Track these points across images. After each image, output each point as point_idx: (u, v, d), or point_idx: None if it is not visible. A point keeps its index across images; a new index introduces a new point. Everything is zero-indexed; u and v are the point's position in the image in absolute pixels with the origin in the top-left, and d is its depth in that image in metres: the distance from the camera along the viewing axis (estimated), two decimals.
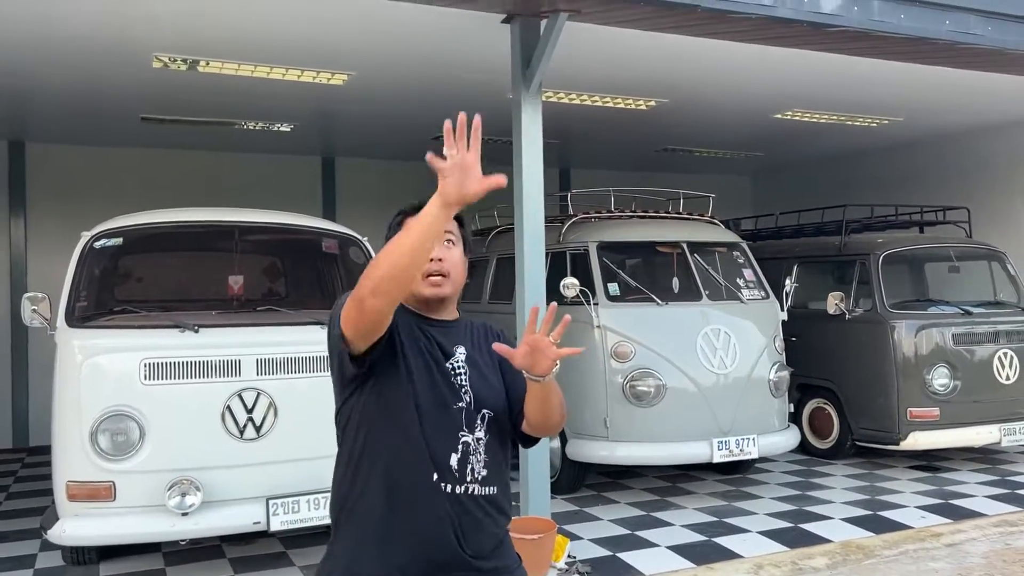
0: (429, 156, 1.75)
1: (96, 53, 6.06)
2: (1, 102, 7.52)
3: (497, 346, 1.95)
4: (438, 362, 2.03)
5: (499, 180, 1.74)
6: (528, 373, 1.93)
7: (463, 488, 1.97)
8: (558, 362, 1.92)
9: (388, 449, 1.96)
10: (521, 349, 1.90)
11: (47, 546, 5.39)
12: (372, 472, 1.97)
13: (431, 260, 2.02)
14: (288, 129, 8.85)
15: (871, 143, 10.64)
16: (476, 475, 2.00)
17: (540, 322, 1.90)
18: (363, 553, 1.95)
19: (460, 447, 1.98)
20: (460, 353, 2.07)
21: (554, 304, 1.93)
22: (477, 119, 1.72)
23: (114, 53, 6.07)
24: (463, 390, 2.03)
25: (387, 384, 1.97)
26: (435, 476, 1.94)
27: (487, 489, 2.02)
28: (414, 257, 1.77)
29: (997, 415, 7.23)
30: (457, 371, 2.04)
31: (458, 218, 2.11)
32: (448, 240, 2.09)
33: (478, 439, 2.02)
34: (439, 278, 2.06)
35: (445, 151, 1.72)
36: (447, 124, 1.71)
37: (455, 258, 2.10)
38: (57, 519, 4.35)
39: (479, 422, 2.03)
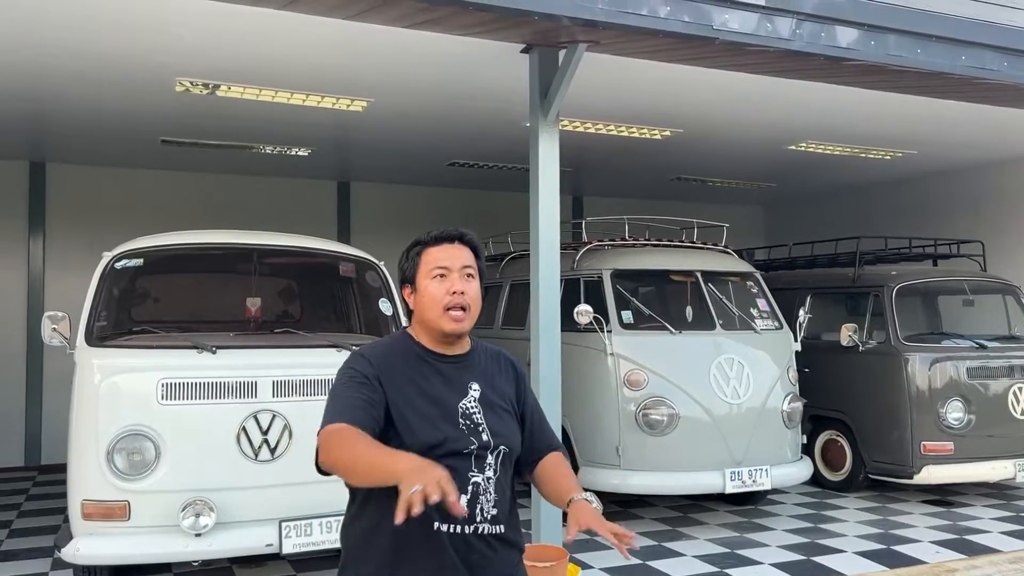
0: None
1: (120, 77, 6.17)
2: (24, 124, 7.65)
3: (568, 539, 1.96)
4: (446, 408, 2.02)
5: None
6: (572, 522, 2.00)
7: (471, 528, 1.97)
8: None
9: (392, 499, 1.96)
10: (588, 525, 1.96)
11: (58, 565, 5.40)
12: (379, 520, 1.97)
13: (453, 293, 2.03)
14: (306, 153, 8.95)
15: (885, 176, 10.66)
16: (486, 514, 2.00)
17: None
18: None
19: (470, 488, 1.98)
20: (474, 391, 2.07)
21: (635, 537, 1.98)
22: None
23: (138, 77, 6.18)
24: (479, 428, 2.03)
25: (390, 438, 1.96)
26: (436, 524, 1.94)
27: (496, 528, 2.02)
28: (351, 474, 1.88)
29: (1012, 450, 7.18)
30: (469, 411, 2.04)
31: (475, 249, 2.13)
32: (468, 274, 2.08)
33: (488, 478, 2.01)
34: (460, 312, 2.05)
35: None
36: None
37: (474, 291, 2.08)
38: (71, 538, 4.36)
39: (491, 459, 2.02)
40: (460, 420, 2.01)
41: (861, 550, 5.94)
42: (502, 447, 2.05)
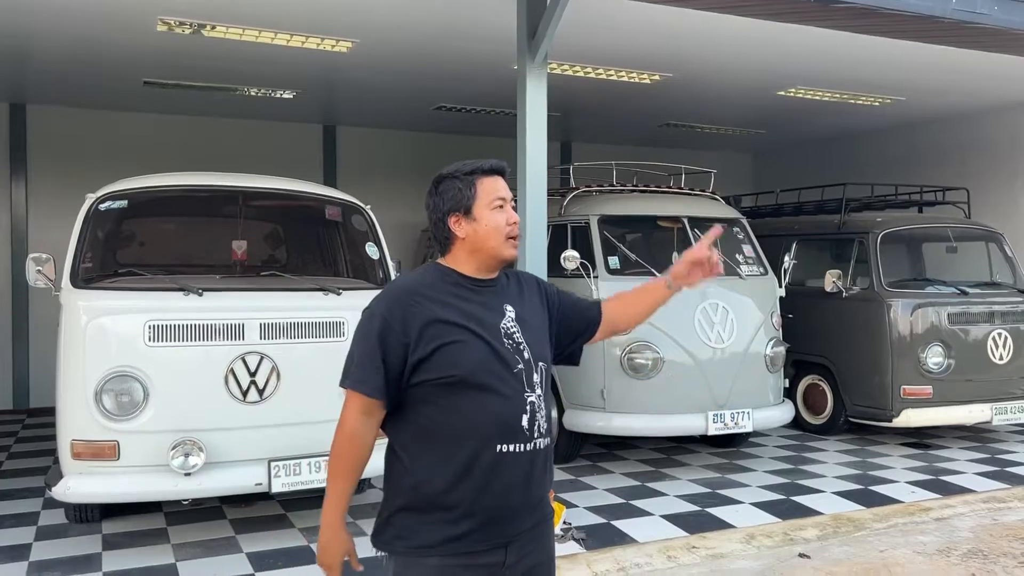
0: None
1: (100, 15, 6.05)
2: (3, 64, 7.50)
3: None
4: (492, 329, 2.05)
5: None
6: (674, 284, 2.30)
7: (532, 445, 2.04)
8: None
9: (457, 428, 1.99)
10: (683, 268, 2.29)
11: (49, 504, 5.48)
12: (440, 450, 2.00)
13: (511, 224, 2.11)
14: (290, 96, 8.84)
15: (873, 123, 10.64)
16: (541, 430, 2.07)
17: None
18: (432, 518, 2.00)
19: (528, 407, 2.04)
20: (510, 312, 2.11)
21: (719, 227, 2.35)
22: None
23: (118, 15, 6.06)
24: (520, 347, 2.07)
25: (442, 369, 1.99)
26: (499, 447, 2.00)
27: (548, 440, 2.11)
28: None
29: (989, 394, 7.31)
30: (510, 331, 2.08)
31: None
32: (513, 206, 2.15)
33: (539, 396, 2.08)
34: (515, 240, 2.12)
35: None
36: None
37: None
38: (61, 477, 4.41)
39: (537, 377, 2.08)
40: (504, 340, 2.05)
41: (839, 490, 6.08)
42: (542, 363, 2.12)
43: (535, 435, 2.06)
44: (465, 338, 2.01)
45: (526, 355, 2.07)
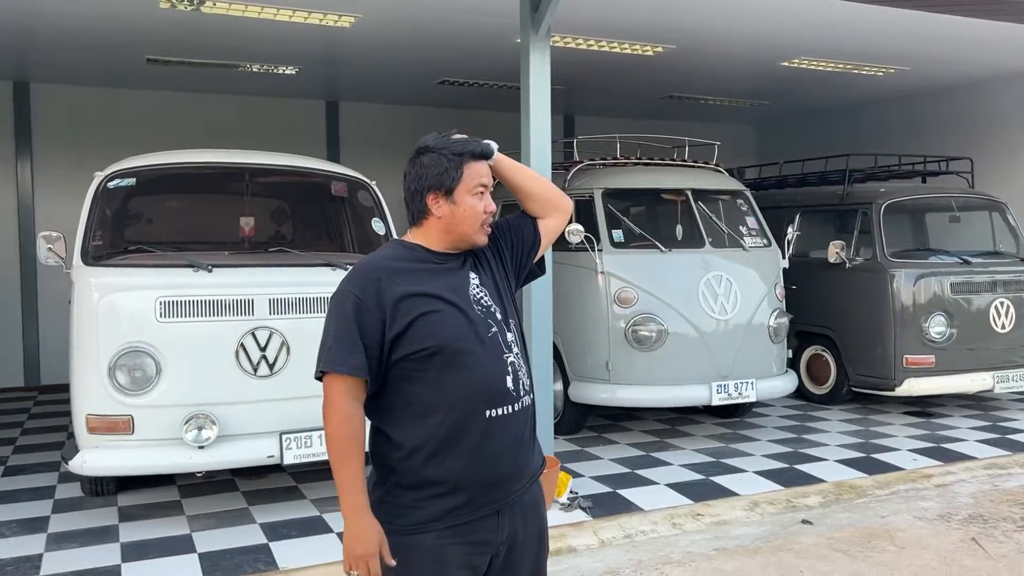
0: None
1: None
2: (7, 42, 7.50)
3: None
4: (463, 297, 2.07)
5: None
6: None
7: (519, 404, 2.09)
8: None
9: (442, 400, 2.00)
10: None
11: (65, 478, 5.58)
12: (427, 424, 2.01)
13: (487, 212, 2.13)
14: (293, 72, 8.84)
15: (877, 93, 10.60)
16: (525, 387, 2.12)
17: None
18: (427, 493, 2.01)
19: (509, 368, 2.08)
20: (474, 279, 2.13)
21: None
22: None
23: None
24: (492, 310, 2.10)
25: (421, 341, 1.99)
26: (488, 412, 2.02)
27: (532, 395, 2.17)
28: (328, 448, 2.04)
29: (991, 363, 7.36)
30: (479, 297, 2.10)
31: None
32: (491, 191, 2.16)
33: (517, 353, 2.12)
34: (488, 228, 2.16)
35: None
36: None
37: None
38: (77, 451, 4.50)
39: (511, 336, 2.12)
40: (475, 307, 2.08)
41: (842, 458, 6.16)
42: (512, 321, 2.16)
43: (521, 393, 2.09)
44: (439, 308, 2.02)
45: (498, 316, 2.11)
